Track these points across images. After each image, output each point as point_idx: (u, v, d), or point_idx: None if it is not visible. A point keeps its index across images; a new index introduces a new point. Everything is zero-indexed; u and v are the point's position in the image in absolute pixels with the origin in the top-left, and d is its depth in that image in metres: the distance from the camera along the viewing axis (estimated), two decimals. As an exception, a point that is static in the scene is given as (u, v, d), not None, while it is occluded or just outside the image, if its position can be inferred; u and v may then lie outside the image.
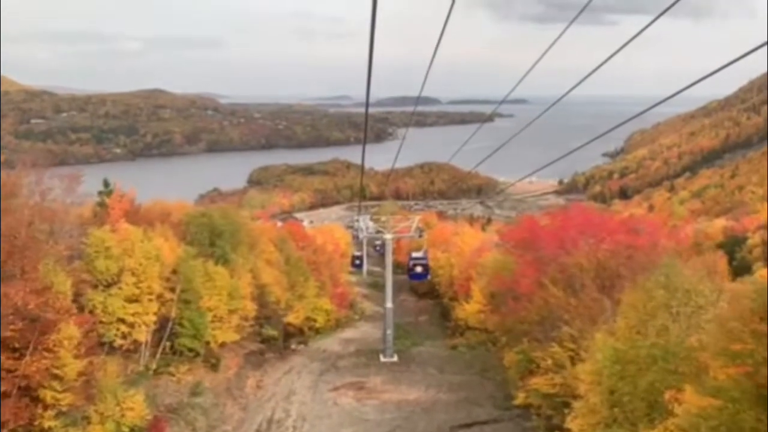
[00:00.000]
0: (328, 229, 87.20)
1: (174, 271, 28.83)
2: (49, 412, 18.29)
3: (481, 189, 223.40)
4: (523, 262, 28.45)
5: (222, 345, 31.92)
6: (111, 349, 25.93)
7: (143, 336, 26.96)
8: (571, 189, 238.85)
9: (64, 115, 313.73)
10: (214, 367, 30.54)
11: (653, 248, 24.41)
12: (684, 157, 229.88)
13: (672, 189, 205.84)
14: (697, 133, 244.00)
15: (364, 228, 42.20)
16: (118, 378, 23.10)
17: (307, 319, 42.40)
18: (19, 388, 17.57)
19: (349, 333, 45.06)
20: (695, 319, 16.02)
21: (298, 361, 36.00)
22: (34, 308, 17.81)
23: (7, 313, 17.09)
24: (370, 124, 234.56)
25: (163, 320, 28.29)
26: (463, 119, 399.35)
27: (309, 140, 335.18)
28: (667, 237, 32.70)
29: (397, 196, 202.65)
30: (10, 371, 17.27)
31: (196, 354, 29.69)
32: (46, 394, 18.28)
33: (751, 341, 11.59)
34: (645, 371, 15.25)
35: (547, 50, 9.79)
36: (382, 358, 36.53)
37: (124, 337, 26.32)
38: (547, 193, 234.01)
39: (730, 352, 11.91)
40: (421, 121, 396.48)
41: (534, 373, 24.20)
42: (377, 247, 74.05)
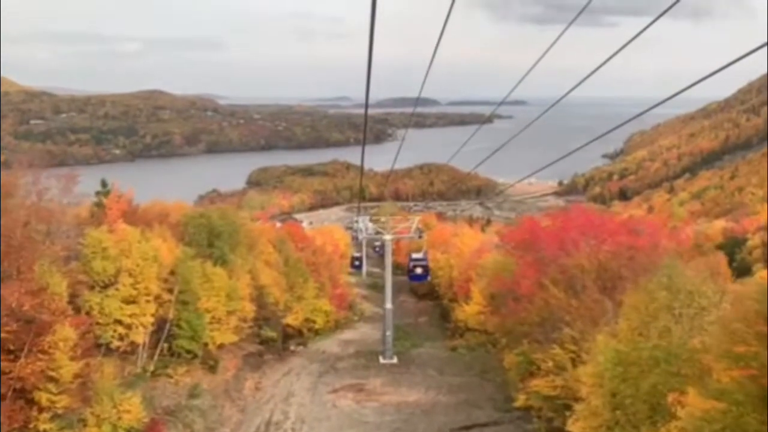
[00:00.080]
0: (328, 230, 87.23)
1: (172, 272, 28.62)
2: (44, 415, 18.12)
3: (480, 190, 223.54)
4: (524, 263, 28.32)
5: (220, 346, 31.72)
6: (108, 351, 25.77)
7: (140, 337, 26.80)
8: (571, 190, 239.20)
9: (64, 115, 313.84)
10: (212, 369, 30.35)
11: (654, 249, 24.26)
12: (683, 159, 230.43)
13: (671, 190, 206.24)
14: (696, 135, 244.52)
15: (363, 229, 41.97)
16: (115, 380, 22.91)
17: (306, 320, 42.25)
18: (14, 391, 17.40)
19: (348, 334, 44.87)
20: (698, 321, 15.89)
21: (297, 363, 35.82)
22: (30, 309, 17.68)
23: (2, 315, 16.92)
24: (369, 125, 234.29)
25: (161, 321, 28.08)
26: (463, 120, 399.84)
27: (308, 141, 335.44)
28: (668, 238, 32.55)
29: (397, 197, 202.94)
30: (4, 373, 17.11)
31: (194, 356, 29.50)
32: (42, 397, 18.09)
33: (755, 343, 11.47)
34: (647, 373, 15.14)
35: (546, 51, 9.81)
36: (381, 360, 36.36)
37: (121, 339, 26.16)
38: (546, 195, 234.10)
39: (734, 355, 11.79)
40: (421, 122, 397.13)
41: (534, 375, 24.08)
42: (377, 248, 74.06)
